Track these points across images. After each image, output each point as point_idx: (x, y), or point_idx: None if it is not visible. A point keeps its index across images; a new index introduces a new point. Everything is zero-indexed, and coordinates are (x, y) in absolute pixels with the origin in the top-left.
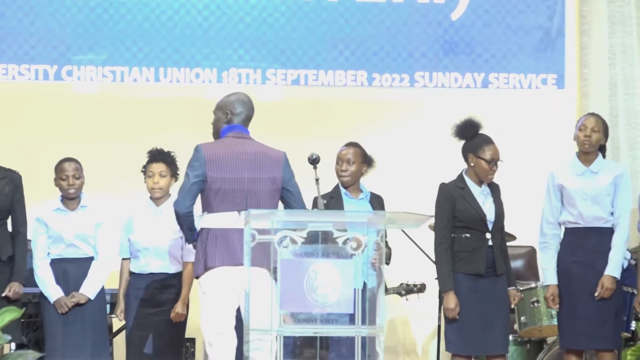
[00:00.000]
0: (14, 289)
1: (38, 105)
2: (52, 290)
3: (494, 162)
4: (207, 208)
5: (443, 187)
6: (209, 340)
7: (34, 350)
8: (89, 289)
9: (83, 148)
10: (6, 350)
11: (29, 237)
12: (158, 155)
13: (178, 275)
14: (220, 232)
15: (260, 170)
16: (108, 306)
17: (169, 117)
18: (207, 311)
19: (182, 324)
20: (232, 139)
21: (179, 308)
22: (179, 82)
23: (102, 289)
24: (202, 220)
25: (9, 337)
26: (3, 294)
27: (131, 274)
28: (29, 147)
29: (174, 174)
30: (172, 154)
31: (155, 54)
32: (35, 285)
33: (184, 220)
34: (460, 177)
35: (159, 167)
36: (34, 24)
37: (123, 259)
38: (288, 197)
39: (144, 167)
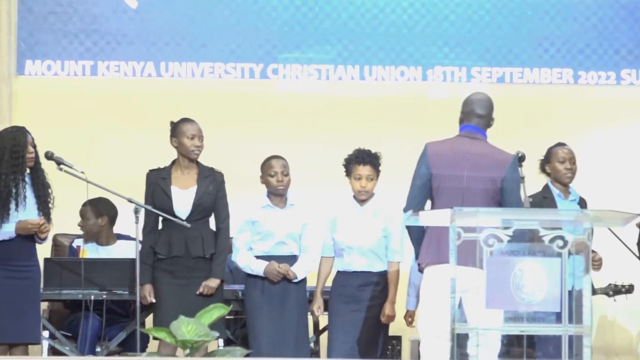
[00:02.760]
0: (208, 284)
1: (244, 104)
2: (258, 265)
3: None
4: (431, 205)
5: None
6: (424, 340)
7: (241, 347)
8: (298, 270)
9: (288, 146)
10: (214, 347)
11: (231, 235)
12: (366, 158)
13: (382, 274)
14: (436, 231)
15: (481, 169)
16: None
17: (374, 116)
18: (423, 312)
19: (384, 324)
20: (460, 137)
21: (388, 310)
22: (383, 80)
23: (305, 288)
24: (420, 217)
25: (217, 334)
26: (197, 292)
27: (335, 272)
28: (235, 145)
29: (378, 175)
30: (379, 154)
31: (360, 52)
32: (240, 282)
33: (409, 229)
34: None
35: (366, 170)
36: (240, 23)
37: (323, 257)
38: (501, 200)
39: (347, 166)
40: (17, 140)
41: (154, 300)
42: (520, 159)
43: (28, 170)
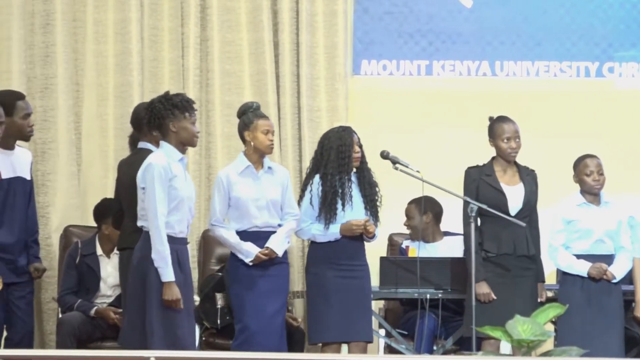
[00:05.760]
0: (543, 292)
1: (579, 103)
2: (581, 265)
3: None
4: None
5: None
6: None
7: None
8: (617, 270)
9: (623, 147)
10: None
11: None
12: None
13: None
14: None
15: None
16: None
17: None
18: None
19: None
20: None
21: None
22: None
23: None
24: None
25: (553, 333)
26: (539, 300)
27: None
28: (570, 144)
29: None
30: None
31: None
32: None
33: None
34: None
35: None
36: (575, 21)
37: (636, 258)
38: None
39: None
40: (343, 140)
41: (494, 297)
42: None
43: (354, 170)
